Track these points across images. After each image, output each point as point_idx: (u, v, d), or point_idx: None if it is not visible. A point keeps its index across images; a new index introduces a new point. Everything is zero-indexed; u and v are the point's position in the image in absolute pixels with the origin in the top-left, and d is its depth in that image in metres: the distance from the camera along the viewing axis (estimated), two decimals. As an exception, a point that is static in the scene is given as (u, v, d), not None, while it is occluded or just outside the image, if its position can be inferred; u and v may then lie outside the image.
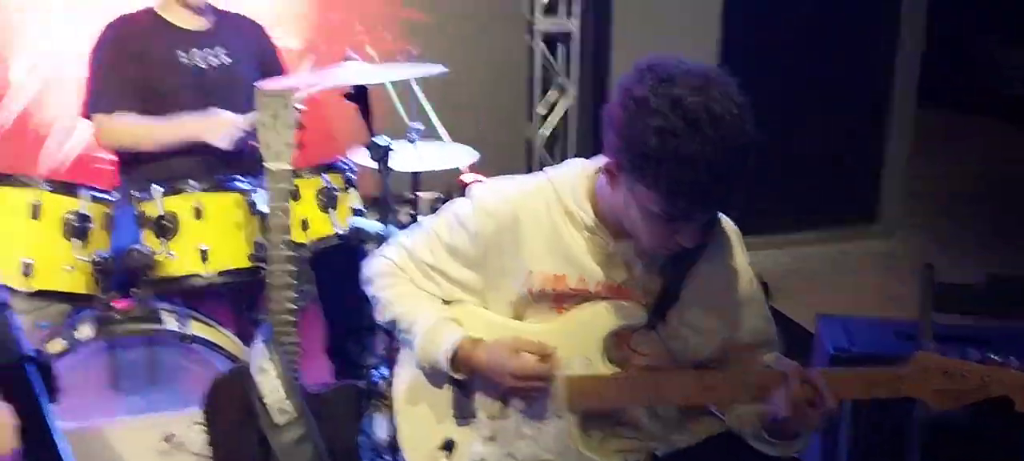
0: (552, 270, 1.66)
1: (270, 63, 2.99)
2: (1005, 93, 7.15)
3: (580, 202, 1.64)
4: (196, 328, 2.33)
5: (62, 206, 2.25)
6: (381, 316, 1.83)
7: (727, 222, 1.71)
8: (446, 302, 1.79)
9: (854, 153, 4.86)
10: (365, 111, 2.32)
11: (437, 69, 2.39)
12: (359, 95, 2.33)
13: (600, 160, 1.61)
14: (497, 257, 1.69)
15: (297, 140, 2.03)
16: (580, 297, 1.66)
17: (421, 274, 1.78)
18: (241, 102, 2.88)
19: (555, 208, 1.66)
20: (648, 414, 1.72)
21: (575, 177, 1.67)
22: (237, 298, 2.80)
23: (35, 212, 2.23)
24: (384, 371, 2.77)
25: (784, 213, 4.75)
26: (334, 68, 2.40)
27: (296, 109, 2.02)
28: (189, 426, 2.24)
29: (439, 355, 1.69)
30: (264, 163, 2.02)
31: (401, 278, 1.80)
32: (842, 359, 2.32)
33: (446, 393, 1.77)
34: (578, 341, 1.66)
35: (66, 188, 2.27)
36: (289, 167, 2.03)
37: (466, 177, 3.07)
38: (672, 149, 1.38)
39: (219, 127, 2.62)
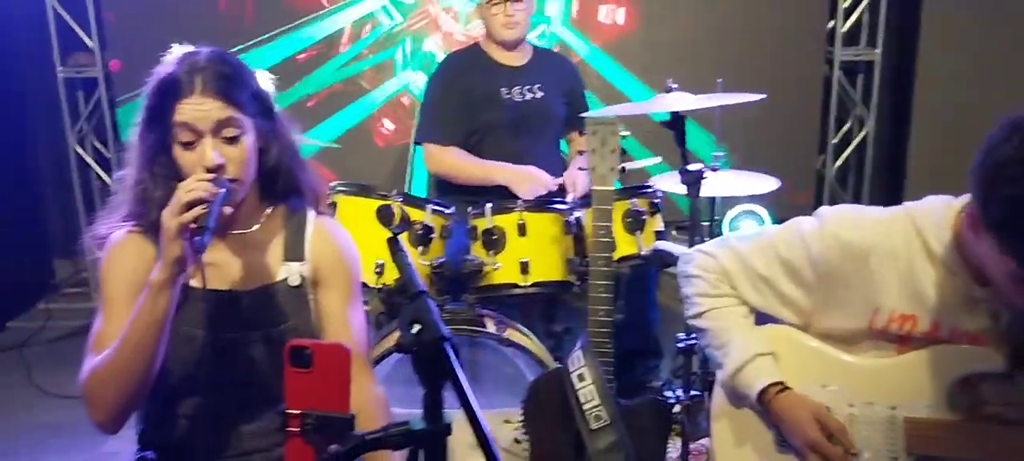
0: (902, 310, 1.57)
1: (578, 98, 3.23)
2: None
3: (944, 242, 1.52)
4: (512, 334, 2.53)
5: (411, 217, 2.51)
6: (691, 318, 1.80)
7: None
8: (761, 318, 1.74)
9: None
10: (681, 139, 2.41)
11: (756, 97, 2.43)
12: (676, 123, 2.43)
13: (965, 199, 1.51)
14: (836, 287, 1.62)
15: (620, 165, 2.18)
16: (928, 341, 1.58)
17: (748, 282, 1.71)
18: (549, 132, 3.14)
19: (915, 245, 1.56)
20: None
21: (939, 215, 1.55)
22: (544, 310, 3.01)
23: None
24: (678, 392, 2.83)
25: None
26: (656, 98, 2.52)
27: (621, 136, 2.17)
28: (500, 424, 2.43)
29: (750, 394, 1.67)
30: (591, 186, 2.19)
31: (722, 286, 1.74)
32: None
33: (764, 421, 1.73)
34: (922, 382, 1.58)
35: (416, 201, 2.56)
36: (612, 190, 2.18)
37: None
38: None
39: (528, 182, 2.91)
